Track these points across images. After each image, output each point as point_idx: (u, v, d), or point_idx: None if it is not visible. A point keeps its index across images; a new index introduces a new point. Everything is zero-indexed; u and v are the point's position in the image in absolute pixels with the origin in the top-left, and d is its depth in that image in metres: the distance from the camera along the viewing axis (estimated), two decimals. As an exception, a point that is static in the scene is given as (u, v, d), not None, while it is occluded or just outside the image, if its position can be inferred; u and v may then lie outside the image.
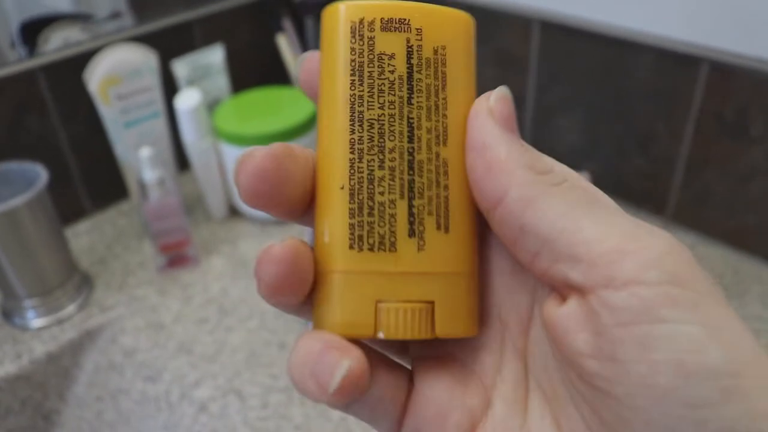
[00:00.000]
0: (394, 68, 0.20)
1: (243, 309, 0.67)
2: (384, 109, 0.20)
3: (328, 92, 0.21)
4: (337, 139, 0.20)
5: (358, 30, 0.20)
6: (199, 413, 0.57)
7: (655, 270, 0.16)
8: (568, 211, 0.18)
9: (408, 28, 0.20)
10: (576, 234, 0.17)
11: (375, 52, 0.20)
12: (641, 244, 0.17)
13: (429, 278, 0.20)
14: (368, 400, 0.20)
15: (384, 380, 0.21)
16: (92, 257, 0.74)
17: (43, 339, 0.64)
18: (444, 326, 0.20)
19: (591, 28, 0.69)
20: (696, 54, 0.63)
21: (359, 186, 0.20)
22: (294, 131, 0.73)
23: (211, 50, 0.80)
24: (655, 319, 0.16)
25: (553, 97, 0.76)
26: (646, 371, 0.16)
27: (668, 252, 0.17)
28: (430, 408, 0.21)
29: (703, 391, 0.16)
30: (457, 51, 0.21)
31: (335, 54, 0.20)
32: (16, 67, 0.69)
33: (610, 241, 0.17)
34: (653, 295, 0.16)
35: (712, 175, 0.67)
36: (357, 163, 0.20)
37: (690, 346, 0.16)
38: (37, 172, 0.63)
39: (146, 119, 0.73)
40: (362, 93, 0.20)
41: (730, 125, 0.63)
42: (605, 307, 0.17)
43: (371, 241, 0.20)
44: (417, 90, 0.20)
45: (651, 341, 0.16)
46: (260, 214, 0.78)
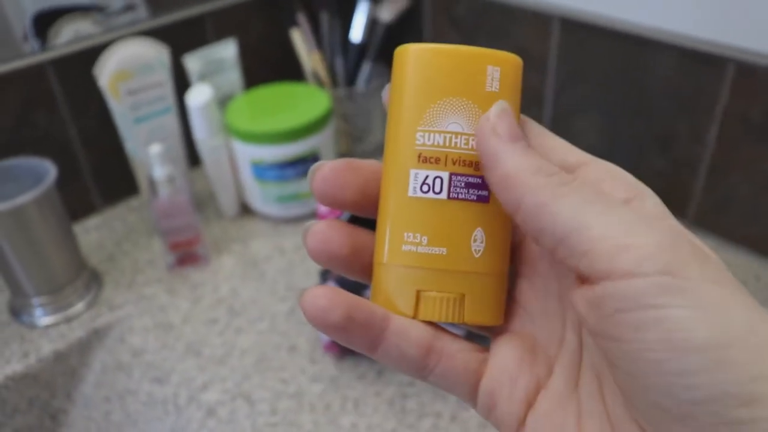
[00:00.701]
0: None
1: (253, 310, 0.66)
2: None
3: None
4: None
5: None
6: (207, 418, 0.56)
7: (649, 263, 0.19)
8: (576, 213, 0.20)
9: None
10: (583, 233, 0.20)
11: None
12: (639, 238, 0.20)
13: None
14: (442, 370, 0.24)
15: (455, 353, 0.24)
16: (101, 254, 0.73)
17: (51, 337, 0.63)
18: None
19: (612, 25, 0.67)
20: (721, 54, 0.61)
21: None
22: (307, 128, 0.72)
23: (224, 45, 0.79)
24: (647, 306, 0.19)
25: (573, 96, 0.74)
26: (639, 347, 0.19)
27: (664, 245, 0.19)
28: (503, 373, 0.24)
29: (693, 362, 0.18)
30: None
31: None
32: (26, 60, 0.68)
33: (612, 238, 0.20)
34: (646, 285, 0.19)
35: (736, 179, 0.65)
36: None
37: (678, 326, 0.18)
38: (45, 167, 0.62)
39: (157, 115, 0.72)
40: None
41: (756, 128, 0.61)
42: (606, 295, 0.20)
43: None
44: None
45: (643, 324, 0.19)
46: (272, 213, 0.77)
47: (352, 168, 0.25)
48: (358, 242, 0.25)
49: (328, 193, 0.24)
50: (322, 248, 0.24)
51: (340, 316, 0.23)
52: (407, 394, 0.57)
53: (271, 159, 0.72)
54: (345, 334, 0.23)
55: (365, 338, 0.24)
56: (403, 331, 0.24)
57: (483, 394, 0.25)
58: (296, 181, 0.74)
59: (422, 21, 0.86)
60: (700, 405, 0.18)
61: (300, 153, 0.72)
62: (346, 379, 0.59)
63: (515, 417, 0.24)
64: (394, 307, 0.24)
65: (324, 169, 0.24)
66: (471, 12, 0.80)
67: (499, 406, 0.24)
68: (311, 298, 0.23)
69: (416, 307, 0.24)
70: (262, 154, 0.72)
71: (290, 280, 0.69)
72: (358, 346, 0.24)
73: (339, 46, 0.85)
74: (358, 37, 0.84)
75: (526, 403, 0.24)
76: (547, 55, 0.74)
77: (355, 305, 0.23)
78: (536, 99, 0.77)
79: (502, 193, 0.22)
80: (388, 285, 0.25)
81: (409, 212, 0.24)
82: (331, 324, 0.23)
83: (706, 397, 0.18)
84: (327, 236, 0.24)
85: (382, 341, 0.24)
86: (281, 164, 0.72)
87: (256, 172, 0.73)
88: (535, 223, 0.21)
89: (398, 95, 0.25)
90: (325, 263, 0.25)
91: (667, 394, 0.19)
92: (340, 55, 0.85)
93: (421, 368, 0.24)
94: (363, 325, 0.23)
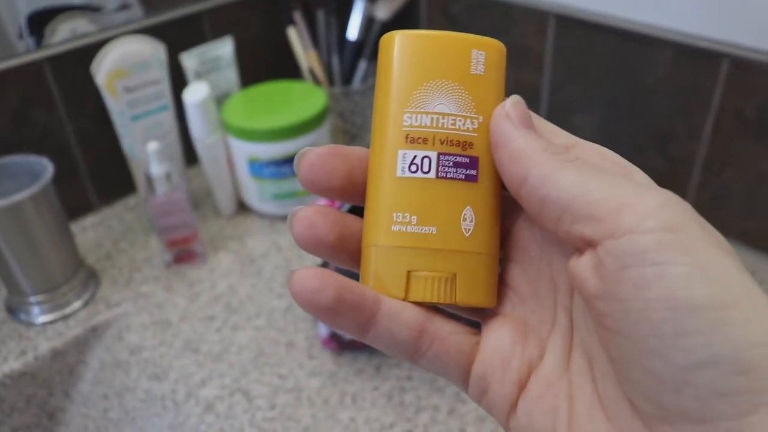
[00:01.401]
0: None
1: (250, 307, 0.66)
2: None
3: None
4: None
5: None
6: (205, 413, 0.56)
7: (651, 220, 0.19)
8: (579, 181, 0.21)
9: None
10: (587, 196, 0.20)
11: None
12: (641, 199, 0.20)
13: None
14: (434, 353, 0.24)
15: (447, 336, 0.24)
16: (99, 253, 0.73)
17: (49, 335, 0.63)
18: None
19: (608, 22, 0.67)
20: (716, 50, 0.61)
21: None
22: (304, 126, 0.72)
23: (221, 43, 0.79)
24: (648, 262, 0.19)
25: (569, 93, 0.74)
26: (641, 306, 0.19)
27: (665, 204, 0.20)
28: (495, 356, 0.24)
29: (692, 323, 0.18)
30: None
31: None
32: (23, 58, 0.68)
33: (614, 200, 0.20)
34: (648, 242, 0.19)
35: (732, 175, 0.65)
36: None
37: (678, 284, 0.18)
38: (42, 165, 0.62)
39: (154, 113, 0.72)
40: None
41: (751, 123, 0.62)
42: (609, 254, 0.20)
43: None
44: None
45: (644, 281, 0.19)
46: (269, 210, 0.77)
47: (338, 154, 0.25)
48: (346, 228, 0.25)
49: (315, 180, 0.24)
50: (309, 233, 0.24)
51: (331, 297, 0.22)
52: (405, 388, 0.57)
53: (268, 156, 0.72)
54: (335, 316, 0.23)
55: (356, 321, 0.23)
56: (394, 313, 0.24)
57: (475, 377, 0.25)
58: (293, 178, 0.74)
59: (419, 19, 0.86)
60: (696, 370, 0.18)
61: (296, 150, 0.72)
62: (344, 373, 0.59)
63: (507, 400, 0.24)
64: (385, 289, 0.24)
65: (310, 155, 0.24)
66: (467, 9, 0.80)
67: (491, 390, 0.24)
68: (301, 279, 0.23)
69: (407, 287, 0.24)
70: (259, 151, 0.72)
71: (287, 276, 0.69)
72: (348, 328, 0.23)
73: (335, 44, 0.85)
74: (354, 36, 0.84)
75: (518, 385, 0.24)
76: (544, 52, 0.74)
77: (346, 286, 0.23)
78: (533, 96, 0.77)
79: (511, 167, 0.23)
80: (377, 266, 0.24)
81: (397, 192, 0.24)
82: (321, 305, 0.22)
83: (703, 361, 0.18)
84: (313, 221, 0.24)
85: (373, 324, 0.23)
86: (278, 161, 0.72)
87: (252, 169, 0.73)
88: (541, 192, 0.22)
89: (385, 80, 0.25)
90: (312, 249, 0.24)
91: (665, 358, 0.19)
92: (336, 53, 0.86)
93: (414, 351, 0.24)
94: (354, 307, 0.23)
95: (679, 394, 0.19)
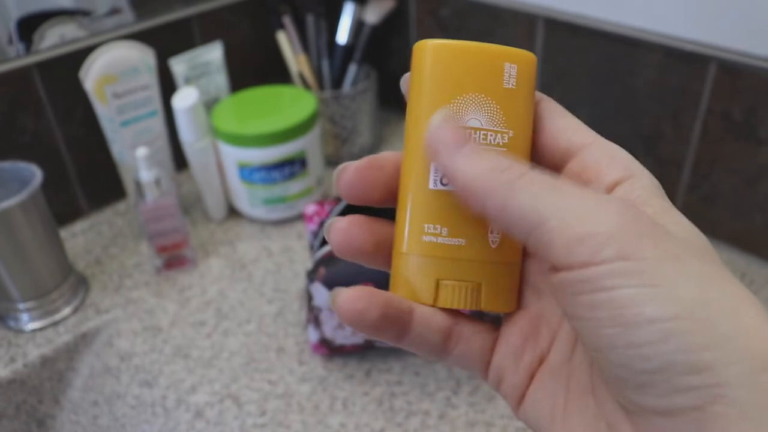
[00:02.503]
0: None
1: (241, 312, 0.66)
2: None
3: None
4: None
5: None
6: (196, 419, 0.56)
7: (604, 251, 0.20)
8: (535, 205, 0.21)
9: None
10: (544, 226, 0.21)
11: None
12: (594, 227, 0.20)
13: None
14: (460, 352, 0.26)
15: (471, 336, 0.26)
16: (88, 258, 0.73)
17: (38, 342, 0.63)
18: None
19: (596, 26, 0.67)
20: (704, 53, 0.61)
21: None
22: (294, 131, 0.72)
23: (210, 48, 0.79)
24: (601, 288, 0.20)
25: (558, 96, 0.74)
26: (595, 325, 0.20)
27: (619, 230, 0.20)
28: (509, 350, 0.26)
29: (642, 335, 0.19)
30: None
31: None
32: (11, 64, 0.68)
33: (568, 228, 0.21)
34: (600, 272, 0.20)
35: (720, 176, 0.65)
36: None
37: (627, 303, 0.19)
38: (31, 171, 0.61)
39: (143, 118, 0.72)
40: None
41: (738, 125, 0.62)
42: (566, 282, 0.21)
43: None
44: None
45: (597, 304, 0.20)
46: (259, 215, 0.77)
47: (376, 167, 0.26)
48: (380, 236, 0.26)
49: (357, 195, 0.26)
50: (347, 244, 0.26)
51: (377, 316, 0.24)
52: (395, 393, 0.57)
53: (258, 161, 0.72)
54: (378, 331, 0.25)
55: (395, 331, 0.25)
56: (426, 320, 0.25)
57: (493, 370, 0.26)
58: (283, 183, 0.74)
59: (408, 23, 0.87)
60: (653, 374, 0.19)
61: (286, 155, 0.72)
62: (334, 379, 0.59)
63: (519, 390, 0.26)
64: (415, 296, 0.25)
65: (349, 172, 0.25)
66: (456, 13, 0.80)
67: (505, 380, 0.26)
68: (349, 303, 0.24)
69: (436, 295, 0.25)
70: (249, 156, 0.72)
71: (278, 281, 0.69)
72: (387, 338, 0.25)
73: (325, 49, 0.85)
74: (344, 40, 0.84)
75: (528, 376, 0.26)
76: (532, 56, 0.74)
77: (388, 303, 0.24)
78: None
79: (468, 203, 0.23)
80: (408, 274, 0.26)
81: (429, 204, 0.25)
82: (368, 323, 0.24)
83: (658, 367, 0.19)
84: (350, 233, 0.26)
85: (409, 332, 0.25)
86: (268, 166, 0.72)
87: (242, 174, 0.73)
88: (503, 223, 0.22)
89: (417, 90, 0.25)
90: (350, 257, 0.26)
91: (624, 366, 0.20)
92: (326, 58, 0.86)
93: (442, 351, 0.26)
94: (395, 320, 0.25)
95: (642, 393, 0.20)
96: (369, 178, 0.26)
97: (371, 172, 0.26)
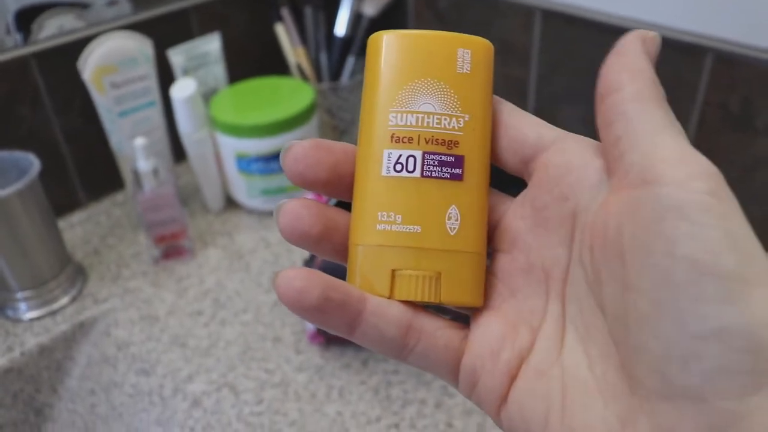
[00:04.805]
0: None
1: (238, 302, 0.66)
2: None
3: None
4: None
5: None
6: (193, 408, 0.57)
7: (701, 181, 0.19)
8: (649, 132, 0.21)
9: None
10: (662, 142, 0.21)
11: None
12: (697, 159, 0.20)
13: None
14: (422, 349, 0.24)
15: (434, 331, 0.25)
16: (86, 249, 0.73)
17: (36, 331, 0.63)
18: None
19: (593, 17, 0.67)
20: (700, 44, 0.61)
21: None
22: (291, 121, 0.72)
23: (208, 39, 0.79)
24: (685, 217, 0.19)
25: (556, 87, 0.74)
26: (667, 264, 0.19)
27: (715, 173, 0.20)
28: (485, 348, 0.24)
29: (712, 290, 0.18)
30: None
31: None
32: (8, 54, 0.68)
33: (678, 152, 0.20)
34: (691, 199, 0.19)
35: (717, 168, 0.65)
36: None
37: (708, 247, 0.18)
38: (29, 161, 0.62)
39: (141, 109, 0.72)
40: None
41: (734, 116, 0.62)
42: (650, 200, 0.20)
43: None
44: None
45: (676, 236, 0.19)
46: (257, 206, 0.77)
47: (323, 147, 0.25)
48: (331, 221, 0.25)
49: (301, 172, 0.24)
50: (294, 226, 0.24)
51: (317, 297, 0.22)
52: (392, 382, 0.57)
53: (256, 152, 0.72)
54: (321, 315, 0.23)
55: (343, 319, 0.23)
56: (380, 310, 0.24)
57: (465, 371, 0.25)
58: (281, 174, 0.74)
59: (406, 15, 0.87)
60: (706, 341, 0.18)
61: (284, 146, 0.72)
62: (331, 368, 0.59)
63: (497, 393, 0.24)
64: (370, 288, 0.24)
65: (295, 148, 0.24)
66: (454, 5, 0.80)
67: (481, 382, 0.24)
68: (287, 280, 0.23)
69: (392, 286, 0.24)
70: (247, 147, 0.72)
71: (275, 272, 0.69)
72: (335, 327, 0.24)
73: (323, 41, 0.85)
74: (342, 32, 0.84)
75: (508, 377, 0.24)
76: (530, 47, 0.74)
77: (331, 286, 0.23)
78: (520, 90, 0.78)
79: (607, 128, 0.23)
80: (363, 265, 0.24)
81: (382, 191, 0.24)
82: (308, 305, 0.23)
83: (715, 331, 0.18)
84: (298, 214, 0.24)
85: (360, 322, 0.24)
86: (266, 157, 0.72)
87: (240, 165, 0.74)
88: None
89: (372, 79, 0.25)
90: (296, 242, 0.24)
91: (679, 323, 0.19)
92: (324, 50, 0.86)
93: (401, 348, 0.24)
94: (340, 305, 0.23)
95: (685, 366, 0.18)
96: (315, 157, 0.24)
97: (318, 151, 0.24)
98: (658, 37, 0.24)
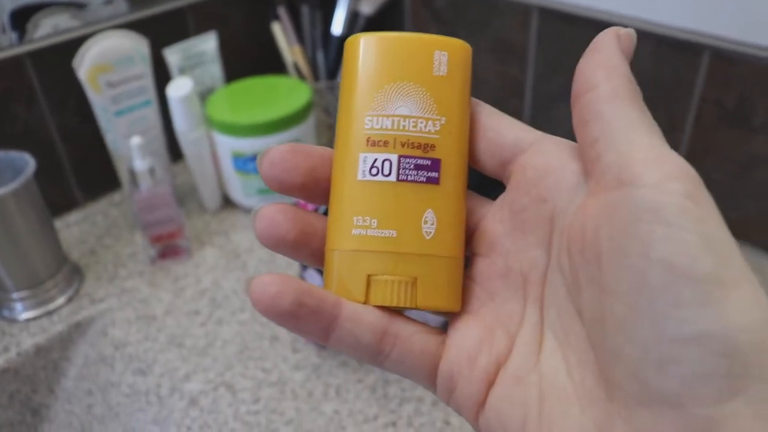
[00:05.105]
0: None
1: (235, 301, 0.66)
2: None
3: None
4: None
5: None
6: (190, 407, 0.56)
7: (677, 183, 0.19)
8: (624, 132, 0.21)
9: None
10: (637, 141, 0.20)
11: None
12: (674, 161, 0.20)
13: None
14: (398, 354, 0.24)
15: (410, 336, 0.24)
16: (83, 248, 0.73)
17: (32, 331, 0.63)
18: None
19: (590, 15, 0.67)
20: (697, 42, 0.61)
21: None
22: (288, 121, 0.72)
23: (205, 38, 0.78)
24: (660, 221, 0.18)
25: (553, 85, 0.74)
26: (643, 267, 0.19)
27: (692, 175, 0.19)
28: (462, 354, 0.24)
29: (688, 294, 0.18)
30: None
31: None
32: (4, 53, 0.68)
33: (654, 152, 0.20)
34: (667, 201, 0.19)
35: (713, 165, 0.65)
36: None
37: (683, 250, 0.18)
38: (24, 160, 0.61)
39: (137, 108, 0.72)
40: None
41: (731, 114, 0.62)
42: (628, 200, 0.19)
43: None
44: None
45: (652, 239, 0.18)
46: (254, 205, 0.77)
47: (300, 152, 0.24)
48: (308, 226, 0.24)
49: (277, 177, 0.24)
50: (269, 232, 0.24)
51: (290, 302, 0.22)
52: (389, 381, 0.57)
53: (252, 151, 0.72)
54: (296, 321, 0.23)
55: (317, 325, 0.23)
56: (355, 316, 0.24)
57: (442, 377, 0.24)
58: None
59: (403, 13, 0.87)
60: (683, 345, 0.18)
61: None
62: (327, 366, 0.59)
63: (475, 399, 0.24)
64: (346, 293, 0.24)
65: (272, 152, 0.24)
66: (451, 4, 0.80)
67: (458, 388, 0.24)
68: (261, 286, 0.22)
69: (367, 291, 0.24)
70: (243, 146, 0.72)
71: (271, 271, 0.69)
72: (310, 333, 0.23)
73: (320, 40, 0.85)
74: (339, 30, 0.84)
75: (486, 383, 0.24)
76: (527, 45, 0.74)
77: (305, 291, 0.23)
78: (517, 89, 0.78)
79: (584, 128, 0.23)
80: (339, 270, 0.24)
81: (358, 196, 0.24)
82: (281, 311, 0.22)
83: (693, 335, 0.18)
84: (275, 220, 0.24)
85: (334, 328, 0.23)
86: (262, 156, 0.72)
87: (237, 164, 0.73)
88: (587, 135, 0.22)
89: (348, 83, 0.25)
90: (273, 247, 0.24)
91: (656, 328, 0.18)
92: (321, 49, 0.86)
93: (377, 353, 0.24)
94: (314, 311, 0.23)
95: (662, 370, 0.18)
96: (291, 161, 0.24)
97: (295, 156, 0.24)
98: (634, 33, 0.24)
